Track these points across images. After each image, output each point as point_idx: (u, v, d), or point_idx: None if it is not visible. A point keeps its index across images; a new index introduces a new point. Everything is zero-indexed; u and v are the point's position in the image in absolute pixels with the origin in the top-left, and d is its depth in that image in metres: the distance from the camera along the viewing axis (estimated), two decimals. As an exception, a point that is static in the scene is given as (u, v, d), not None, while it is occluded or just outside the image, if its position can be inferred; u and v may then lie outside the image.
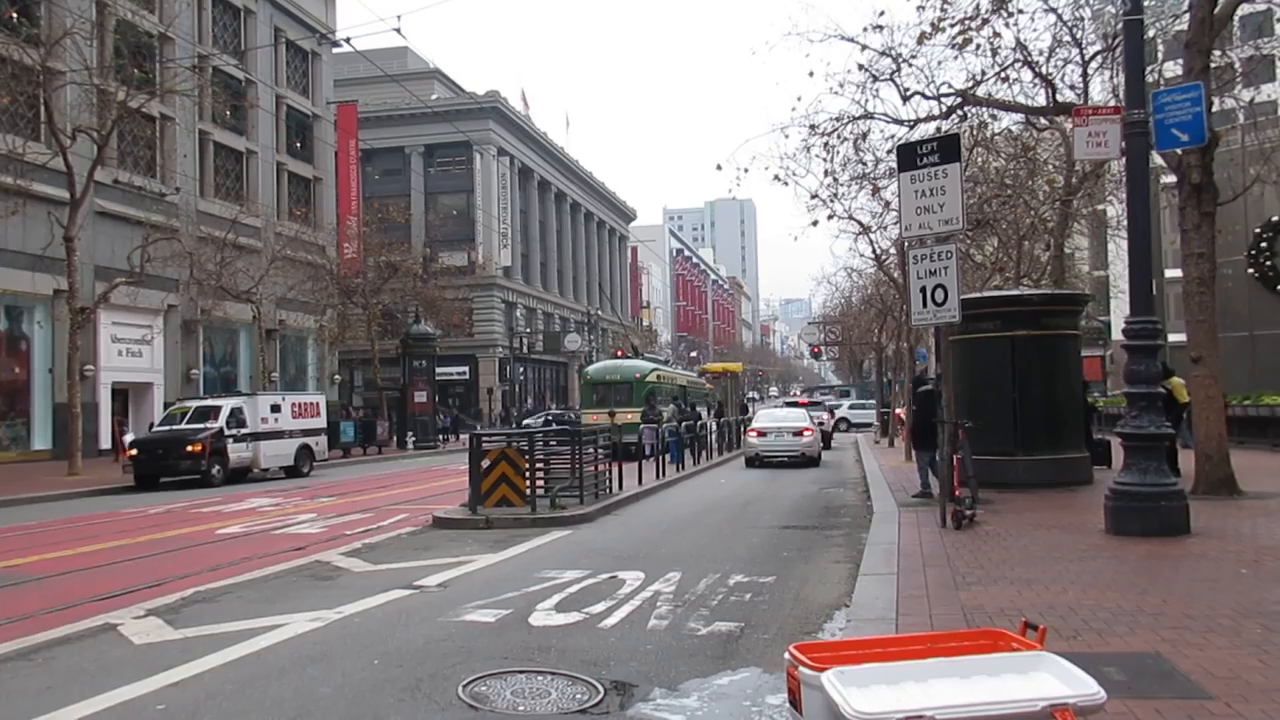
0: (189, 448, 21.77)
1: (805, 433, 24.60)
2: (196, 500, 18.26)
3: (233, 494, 19.65)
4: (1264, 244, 24.79)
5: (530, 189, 67.34)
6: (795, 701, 3.66)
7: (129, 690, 5.60)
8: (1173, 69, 19.43)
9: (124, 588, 8.99)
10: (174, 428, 22.80)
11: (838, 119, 16.38)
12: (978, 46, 14.99)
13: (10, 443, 28.97)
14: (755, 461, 24.52)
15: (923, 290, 10.94)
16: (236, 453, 22.93)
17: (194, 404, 24.55)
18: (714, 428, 29.52)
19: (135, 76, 27.28)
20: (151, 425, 27.45)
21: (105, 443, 31.29)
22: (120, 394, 33.29)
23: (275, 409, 24.53)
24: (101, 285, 28.65)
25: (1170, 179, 15.83)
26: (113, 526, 14.53)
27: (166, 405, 30.09)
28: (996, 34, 15.06)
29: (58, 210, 25.36)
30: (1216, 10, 12.11)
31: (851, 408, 53.50)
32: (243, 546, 11.88)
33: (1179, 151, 11.78)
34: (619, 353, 49.70)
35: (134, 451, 22.36)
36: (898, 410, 30.84)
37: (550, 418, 45.23)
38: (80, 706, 5.32)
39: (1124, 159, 10.53)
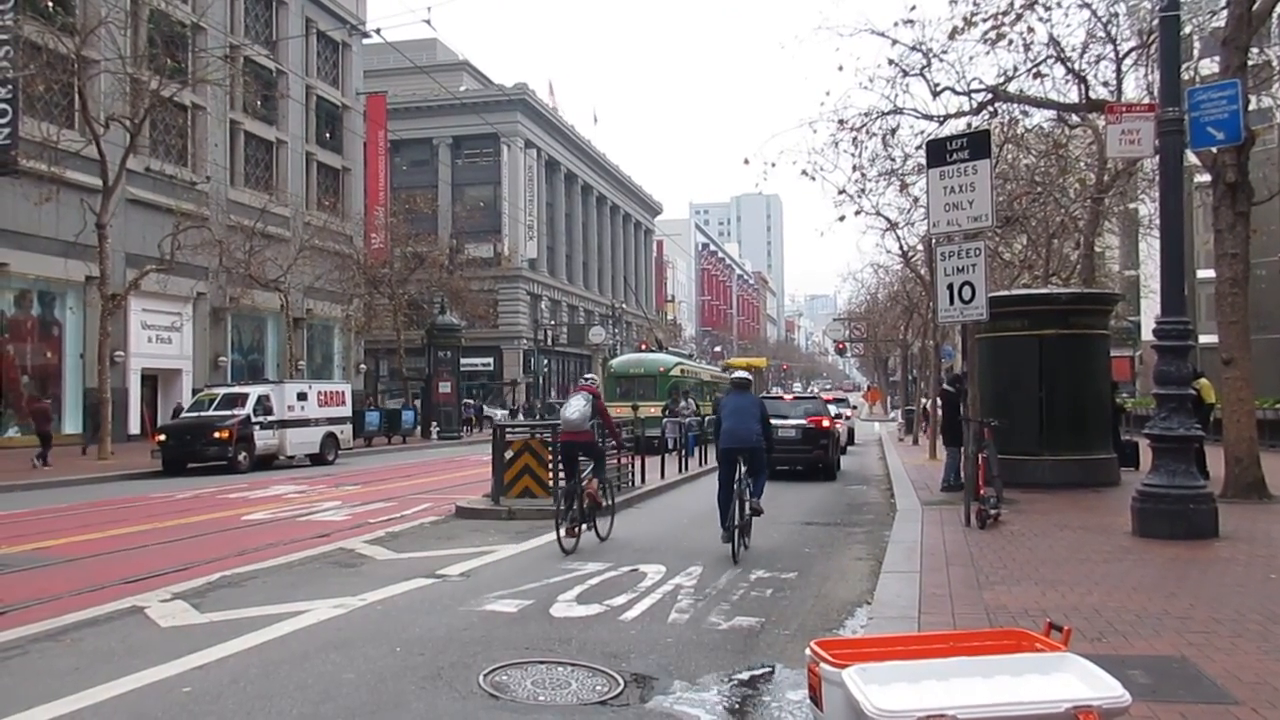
0: (216, 434, 21.99)
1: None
2: (223, 486, 18.45)
3: (258, 480, 19.84)
4: (1299, 245, 24.43)
5: (557, 181, 67.42)
6: (816, 698, 3.66)
7: (155, 672, 5.67)
8: (1209, 66, 19.20)
9: (151, 571, 9.11)
10: (202, 414, 23.04)
11: (866, 114, 16.32)
12: (1010, 42, 14.84)
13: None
14: None
15: (950, 287, 10.87)
16: (263, 440, 23.14)
17: (221, 391, 24.80)
18: None
19: (168, 66, 27.54)
20: (176, 410, 27.78)
21: (134, 428, 31.69)
22: (149, 380, 33.68)
23: (301, 397, 24.74)
24: (132, 272, 28.98)
25: (1204, 178, 15.64)
26: (140, 511, 14.71)
27: (194, 392, 30.42)
28: (1030, 29, 14.92)
29: (90, 197, 25.66)
30: (1255, 7, 11.92)
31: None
32: (268, 532, 11.99)
33: (1214, 150, 11.62)
34: (643, 346, 49.72)
35: (162, 437, 22.63)
36: (925, 405, 30.69)
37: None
38: (107, 687, 5.39)
39: (1157, 157, 10.40)
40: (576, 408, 10.76)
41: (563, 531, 10.05)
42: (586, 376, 12.06)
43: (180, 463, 22.10)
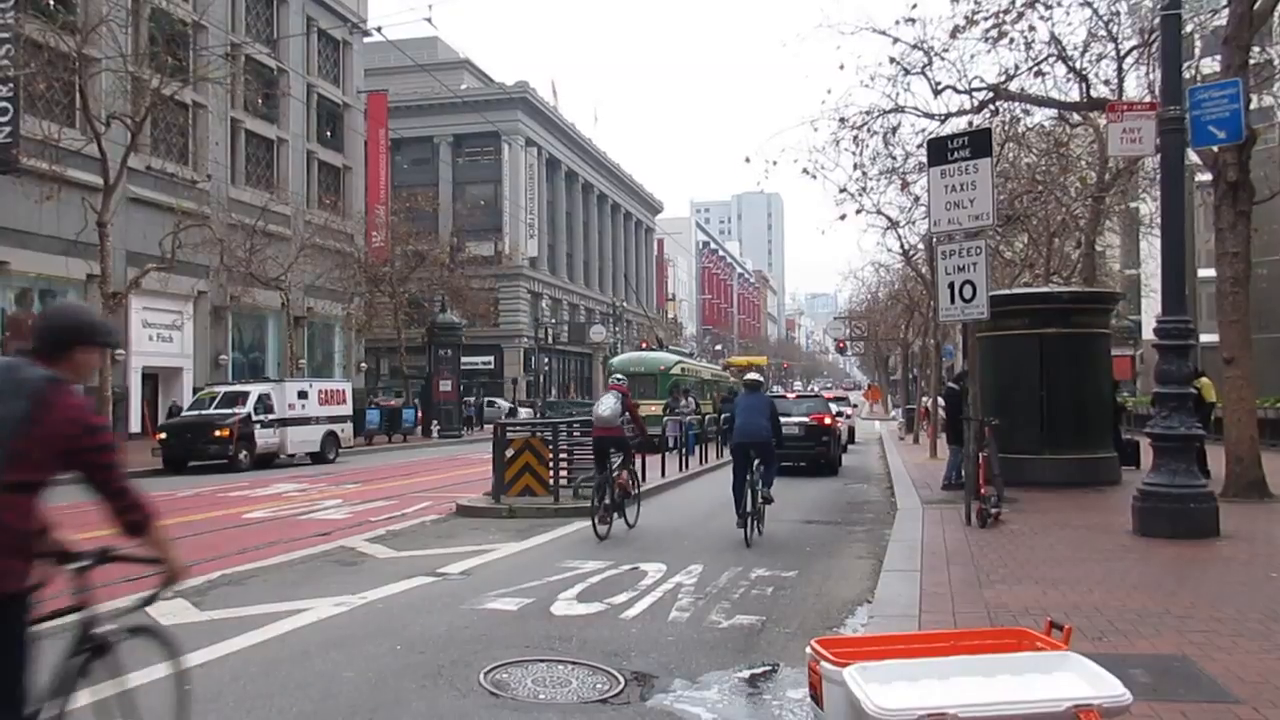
0: (217, 432, 21.99)
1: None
2: (224, 484, 18.45)
3: (259, 479, 19.83)
4: (1300, 244, 24.40)
5: (558, 180, 67.39)
6: (816, 696, 3.65)
7: (155, 670, 5.66)
8: (1210, 65, 19.16)
9: (151, 569, 9.08)
10: (202, 412, 23.04)
11: (868, 112, 16.27)
12: (1011, 40, 14.82)
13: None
14: None
15: (951, 286, 10.85)
16: (264, 438, 23.13)
17: (222, 389, 24.81)
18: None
19: (169, 64, 27.48)
20: (172, 409, 27.74)
21: (135, 426, 31.69)
22: (150, 378, 33.66)
23: (302, 395, 24.73)
24: (133, 270, 28.95)
25: (1205, 177, 15.59)
26: (141, 509, 14.69)
27: (195, 390, 30.42)
28: (1031, 28, 14.91)
29: (91, 196, 25.63)
30: (1256, 6, 11.90)
31: None
32: (269, 531, 11.99)
33: (1215, 149, 11.59)
34: (644, 345, 49.73)
35: (163, 435, 22.64)
36: (924, 404, 30.67)
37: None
38: (107, 685, 5.38)
39: (1158, 156, 10.39)
40: (609, 405, 11.71)
41: (597, 520, 10.95)
42: (616, 377, 13.44)
43: (181, 461, 22.10)
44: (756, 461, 10.87)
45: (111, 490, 3.36)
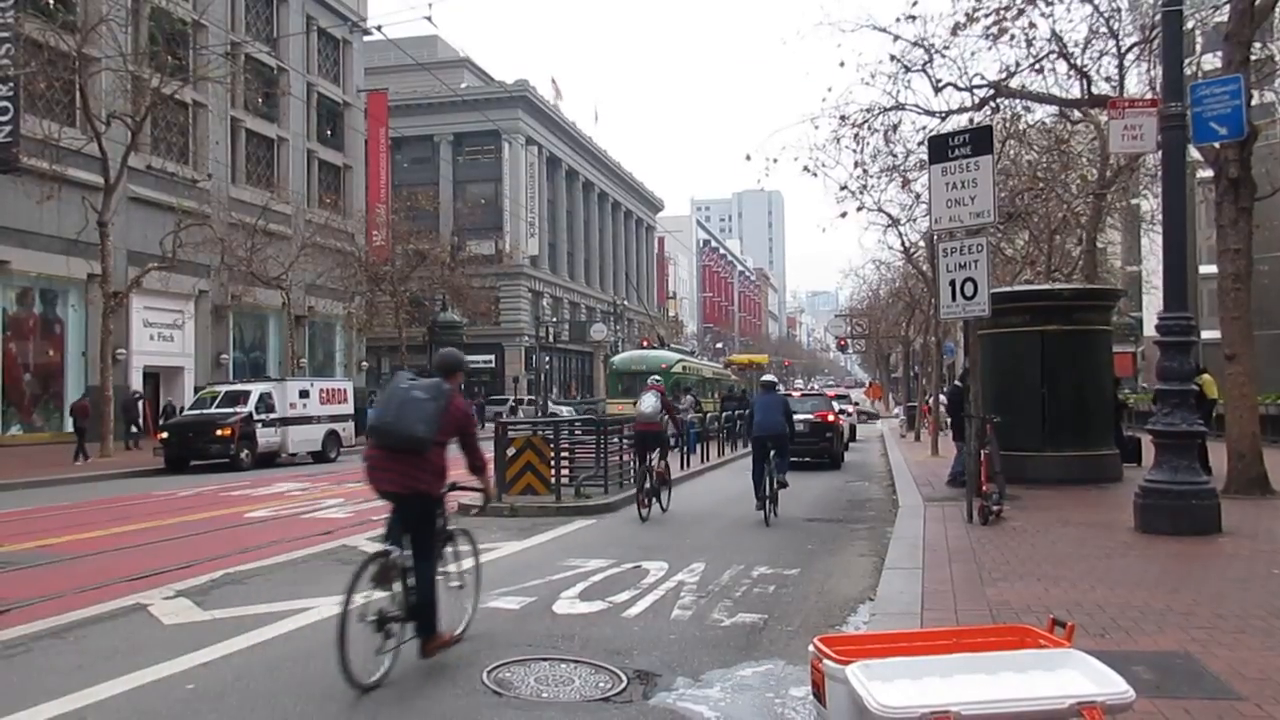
0: (218, 432, 22.00)
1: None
2: (225, 484, 18.46)
3: (261, 478, 19.84)
4: (1302, 240, 24.34)
5: (558, 178, 67.35)
6: (819, 694, 3.65)
7: (159, 670, 5.68)
8: (1211, 61, 19.15)
9: (154, 569, 9.11)
10: (204, 412, 23.05)
11: (868, 110, 16.24)
12: (1012, 37, 14.81)
13: (43, 424, 29.41)
14: None
15: (952, 284, 10.83)
16: (265, 437, 23.14)
17: (224, 388, 24.81)
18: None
19: (169, 63, 27.51)
20: (168, 409, 27.70)
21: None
22: (151, 378, 33.67)
23: (304, 395, 24.74)
24: (134, 270, 28.98)
25: (1207, 173, 15.58)
26: (143, 508, 14.72)
27: (196, 389, 30.44)
28: (1031, 25, 14.89)
29: (92, 195, 25.66)
30: (1257, 2, 11.89)
31: None
32: (271, 530, 11.99)
33: (1217, 145, 11.58)
34: (645, 343, 49.71)
35: (165, 435, 22.65)
36: (926, 401, 30.68)
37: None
38: (111, 685, 5.39)
39: (1160, 152, 10.37)
40: (649, 403, 13.12)
41: (639, 504, 12.30)
42: (654, 378, 15.00)
43: (183, 460, 22.11)
44: (772, 452, 12.22)
45: (471, 448, 5.95)
